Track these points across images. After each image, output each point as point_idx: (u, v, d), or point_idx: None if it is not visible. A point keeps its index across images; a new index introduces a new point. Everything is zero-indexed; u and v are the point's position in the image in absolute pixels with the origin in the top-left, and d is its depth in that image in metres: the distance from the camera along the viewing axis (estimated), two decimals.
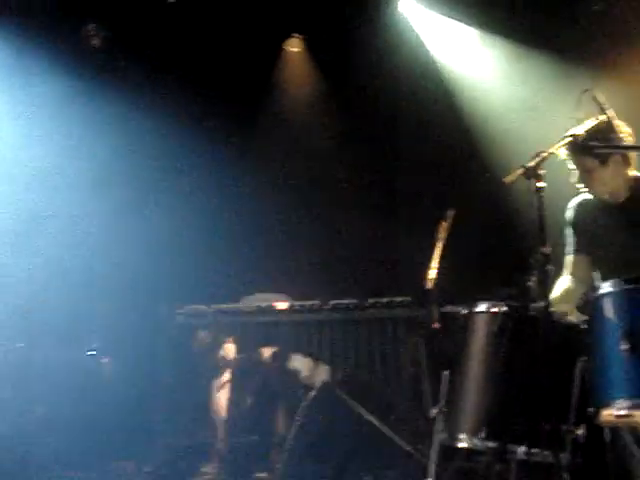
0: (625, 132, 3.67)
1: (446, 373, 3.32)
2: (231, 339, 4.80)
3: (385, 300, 4.34)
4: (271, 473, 4.62)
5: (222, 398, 4.98)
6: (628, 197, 3.77)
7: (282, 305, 4.48)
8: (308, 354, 4.62)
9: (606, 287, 2.93)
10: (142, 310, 5.50)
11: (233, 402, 4.94)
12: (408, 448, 4.09)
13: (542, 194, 3.03)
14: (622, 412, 2.83)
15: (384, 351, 4.38)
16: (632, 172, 3.81)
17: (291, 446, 4.26)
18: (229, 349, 4.88)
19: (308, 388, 4.69)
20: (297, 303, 4.47)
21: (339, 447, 4.15)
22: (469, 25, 6.36)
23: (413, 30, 6.49)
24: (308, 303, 4.42)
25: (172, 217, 5.96)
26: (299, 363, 4.82)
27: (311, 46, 6.76)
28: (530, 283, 3.02)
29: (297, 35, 6.75)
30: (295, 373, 4.89)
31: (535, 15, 5.99)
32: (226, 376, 4.96)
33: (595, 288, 3.00)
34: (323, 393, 4.19)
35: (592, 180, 3.76)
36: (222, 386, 4.95)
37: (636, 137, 3.70)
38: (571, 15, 5.75)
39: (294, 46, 6.76)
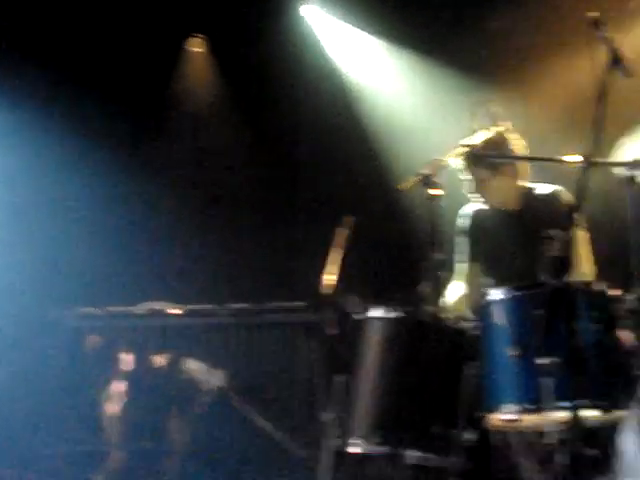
0: (518, 144, 3.78)
1: (340, 378, 3.32)
2: (125, 349, 4.69)
3: (281, 305, 4.32)
4: None
5: (114, 405, 4.85)
6: (520, 207, 3.88)
7: (176, 308, 4.39)
8: (203, 359, 4.54)
9: (497, 294, 3.00)
10: (30, 313, 5.30)
11: (126, 409, 4.81)
12: (301, 454, 4.07)
13: (436, 201, 3.08)
14: (510, 417, 2.89)
15: (280, 356, 4.36)
16: (523, 183, 3.92)
17: (184, 452, 4.18)
18: (124, 358, 4.76)
19: (202, 393, 4.61)
20: (192, 307, 4.38)
21: (232, 453, 4.10)
22: (373, 35, 6.43)
23: (315, 35, 6.51)
24: (203, 307, 4.35)
25: (66, 220, 5.78)
26: (194, 368, 4.73)
27: (213, 47, 6.68)
28: (423, 289, 3.06)
29: (199, 35, 6.65)
30: (190, 378, 4.80)
31: (439, 28, 6.12)
32: (119, 384, 4.83)
33: (486, 295, 3.06)
34: (217, 398, 4.12)
35: (485, 190, 3.85)
36: (115, 393, 4.81)
37: (531, 149, 3.81)
38: (474, 29, 5.89)
39: (196, 46, 6.67)
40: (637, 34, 5.31)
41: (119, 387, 4.81)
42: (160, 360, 4.91)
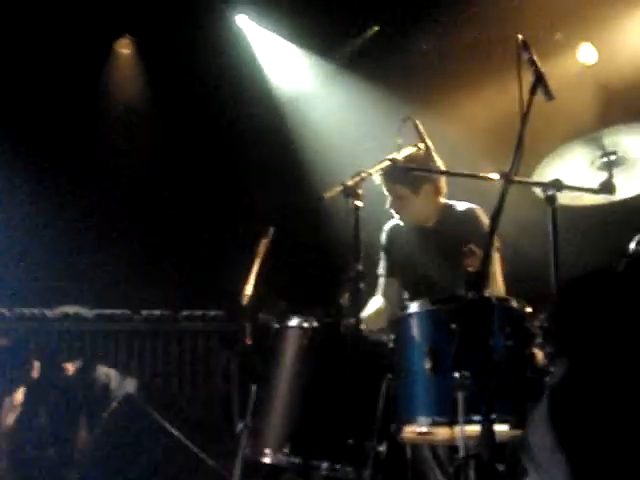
0: (439, 162, 3.83)
1: (255, 388, 3.28)
2: (34, 354, 4.55)
3: (198, 313, 4.25)
4: None
5: (11, 414, 4.69)
6: (436, 223, 3.93)
7: (89, 313, 4.27)
8: (115, 366, 4.43)
9: (412, 307, 3.01)
10: None
11: (28, 417, 4.65)
12: (214, 464, 4.00)
13: (358, 213, 3.08)
14: (423, 429, 2.90)
15: (195, 365, 4.29)
16: (442, 200, 3.98)
17: (89, 460, 4.06)
18: (32, 364, 4.61)
19: (113, 401, 4.50)
20: (106, 311, 4.27)
21: (142, 462, 4.00)
22: (302, 47, 6.46)
23: (247, 45, 6.51)
24: (117, 312, 4.24)
25: None
26: (105, 375, 4.62)
27: (142, 49, 6.58)
28: (342, 300, 3.05)
29: (128, 36, 6.54)
30: (101, 385, 4.68)
31: (366, 44, 6.19)
32: (19, 392, 4.68)
33: (402, 308, 3.07)
34: (126, 406, 4.02)
35: (403, 207, 3.90)
36: (14, 403, 4.66)
37: (453, 168, 3.85)
38: (401, 49, 5.97)
39: (124, 47, 6.55)
40: (560, 65, 5.49)
41: (18, 396, 4.66)
42: (71, 366, 4.78)
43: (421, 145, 3.55)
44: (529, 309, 2.92)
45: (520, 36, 2.95)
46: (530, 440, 0.97)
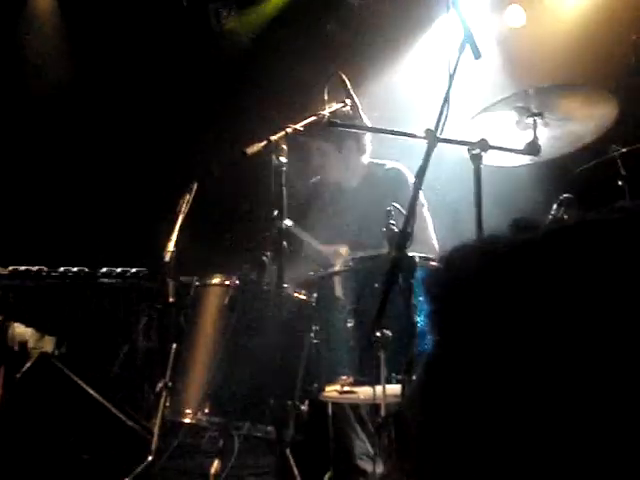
0: (366, 119, 3.76)
1: (175, 347, 3.21)
2: None
3: (119, 270, 4.13)
4: None
5: None
6: (360, 184, 3.89)
7: (3, 270, 4.11)
8: (32, 324, 4.29)
9: (335, 266, 2.98)
10: None
11: None
12: (132, 424, 3.93)
13: (282, 169, 3.02)
14: (345, 388, 2.89)
15: (116, 323, 4.19)
16: (366, 159, 3.93)
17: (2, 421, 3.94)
18: None
19: (30, 360, 4.36)
20: (21, 268, 4.11)
21: (58, 423, 3.90)
22: None
23: None
24: (34, 269, 4.09)
25: None
26: (22, 333, 4.47)
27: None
28: (264, 257, 3.00)
29: None
30: (17, 344, 4.53)
31: None
32: None
33: (327, 266, 3.04)
34: (40, 365, 3.90)
35: (326, 164, 3.84)
36: None
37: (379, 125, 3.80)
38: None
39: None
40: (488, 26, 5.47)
41: None
42: None
43: (347, 101, 3.48)
44: None
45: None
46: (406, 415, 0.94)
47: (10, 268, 4.17)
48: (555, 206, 3.35)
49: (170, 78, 6.14)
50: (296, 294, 3.08)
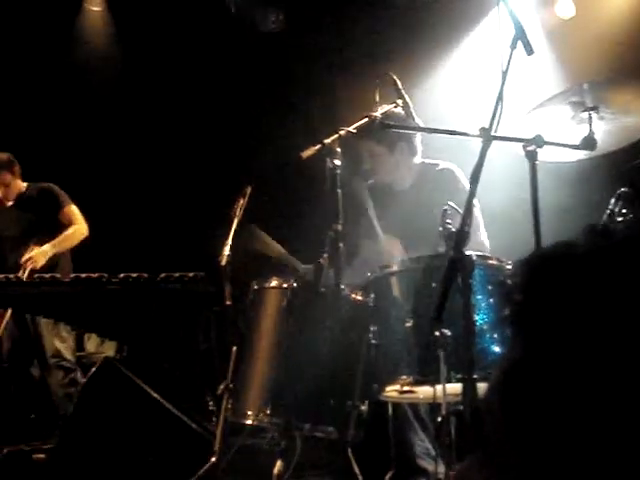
0: (418, 119, 3.75)
1: (235, 349, 3.26)
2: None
3: (177, 275, 4.19)
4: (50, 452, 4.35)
5: None
6: (412, 184, 3.89)
7: (66, 277, 4.21)
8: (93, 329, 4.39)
9: (393, 266, 2.99)
10: None
11: None
12: (194, 426, 3.99)
13: (337, 172, 3.03)
14: (405, 388, 2.90)
15: (175, 327, 4.25)
16: (417, 159, 3.91)
17: (70, 425, 4.03)
18: None
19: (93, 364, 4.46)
20: (82, 275, 4.21)
21: (123, 426, 3.98)
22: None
23: None
24: (94, 275, 4.17)
25: None
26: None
27: (112, 7, 6.43)
28: (321, 260, 3.02)
29: None
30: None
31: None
32: None
33: (383, 266, 3.05)
34: (105, 370, 3.98)
35: (378, 166, 3.84)
36: None
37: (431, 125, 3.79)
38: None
39: (95, 5, 6.40)
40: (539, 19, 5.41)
41: None
42: None
43: (399, 102, 3.49)
44: (510, 266, 2.90)
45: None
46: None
47: (72, 275, 4.27)
48: (613, 200, 3.31)
49: (222, 83, 6.20)
50: (353, 295, 3.10)
